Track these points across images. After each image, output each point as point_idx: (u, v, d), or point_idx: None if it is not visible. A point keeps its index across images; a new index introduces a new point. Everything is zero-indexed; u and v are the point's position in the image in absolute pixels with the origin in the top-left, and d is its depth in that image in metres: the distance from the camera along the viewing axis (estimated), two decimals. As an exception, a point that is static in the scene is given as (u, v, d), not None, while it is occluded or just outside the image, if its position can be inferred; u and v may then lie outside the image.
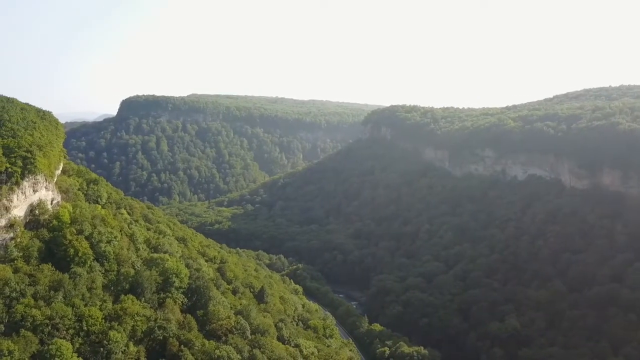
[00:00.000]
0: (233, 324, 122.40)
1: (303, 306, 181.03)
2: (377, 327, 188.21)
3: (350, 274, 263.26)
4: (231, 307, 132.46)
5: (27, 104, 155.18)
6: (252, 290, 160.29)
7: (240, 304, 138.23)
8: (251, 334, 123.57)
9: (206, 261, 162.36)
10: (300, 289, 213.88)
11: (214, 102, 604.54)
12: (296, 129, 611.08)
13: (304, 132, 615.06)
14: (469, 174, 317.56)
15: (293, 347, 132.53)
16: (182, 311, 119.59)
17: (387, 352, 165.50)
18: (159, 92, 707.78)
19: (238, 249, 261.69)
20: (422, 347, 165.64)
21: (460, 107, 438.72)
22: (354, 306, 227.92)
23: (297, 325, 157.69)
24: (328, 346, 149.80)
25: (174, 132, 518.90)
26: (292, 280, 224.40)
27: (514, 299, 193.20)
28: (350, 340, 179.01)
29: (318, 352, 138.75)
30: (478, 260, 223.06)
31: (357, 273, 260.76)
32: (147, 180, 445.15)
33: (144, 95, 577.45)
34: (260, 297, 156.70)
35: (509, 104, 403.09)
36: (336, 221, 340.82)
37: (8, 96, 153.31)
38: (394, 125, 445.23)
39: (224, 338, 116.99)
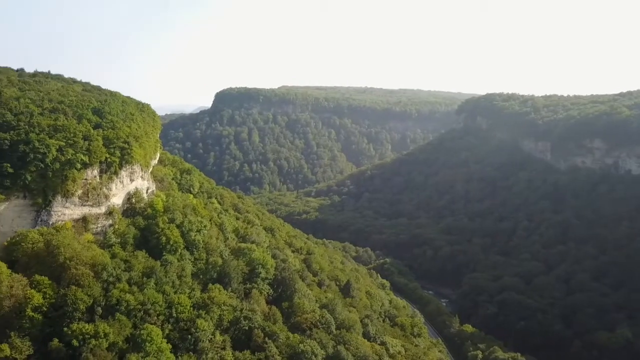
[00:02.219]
0: (318, 318, 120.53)
1: (390, 302, 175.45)
2: (468, 328, 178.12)
3: (440, 271, 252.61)
4: (316, 301, 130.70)
5: (128, 97, 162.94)
6: (337, 283, 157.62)
7: (326, 298, 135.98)
8: (336, 329, 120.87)
9: (293, 252, 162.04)
10: (387, 283, 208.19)
11: (303, 94, 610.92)
12: (385, 119, 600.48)
13: (393, 122, 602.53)
14: (574, 167, 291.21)
15: (379, 344, 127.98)
16: (267, 302, 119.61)
17: (480, 356, 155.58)
18: (251, 84, 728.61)
19: (324, 240, 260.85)
20: (519, 354, 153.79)
21: (565, 95, 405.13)
22: (444, 304, 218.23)
23: (383, 321, 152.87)
24: (416, 345, 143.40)
25: (264, 124, 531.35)
26: (379, 275, 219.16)
27: (627, 306, 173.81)
28: (440, 340, 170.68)
29: (405, 351, 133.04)
30: (584, 262, 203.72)
31: (447, 270, 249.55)
32: (239, 170, 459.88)
33: (236, 87, 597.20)
34: (346, 291, 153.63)
35: (623, 89, 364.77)
36: (426, 215, 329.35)
37: (112, 90, 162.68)
38: (490, 114, 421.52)
39: (308, 332, 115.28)
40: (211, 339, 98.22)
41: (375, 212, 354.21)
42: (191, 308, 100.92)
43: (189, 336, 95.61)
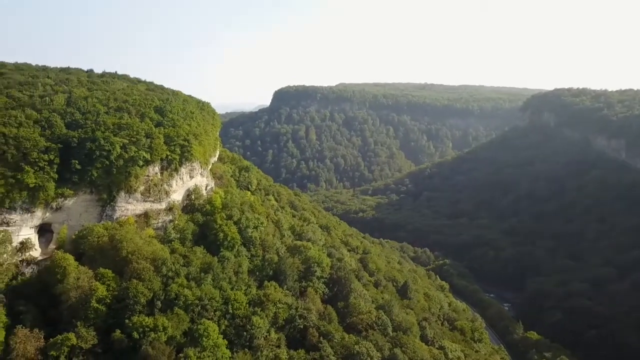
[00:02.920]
0: (374, 319, 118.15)
1: (449, 305, 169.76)
2: (533, 335, 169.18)
3: (502, 273, 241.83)
4: (372, 301, 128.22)
5: (189, 96, 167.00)
6: (394, 284, 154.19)
7: (382, 299, 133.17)
8: (392, 331, 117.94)
9: (349, 251, 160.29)
10: (446, 285, 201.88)
11: (360, 91, 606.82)
12: (445, 116, 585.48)
13: (454, 119, 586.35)
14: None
15: (437, 349, 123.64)
16: (322, 301, 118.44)
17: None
18: (309, 82, 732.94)
19: (381, 239, 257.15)
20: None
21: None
22: (506, 309, 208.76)
23: (442, 325, 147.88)
24: (476, 351, 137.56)
25: (322, 121, 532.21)
26: (437, 276, 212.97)
27: None
28: (502, 346, 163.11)
29: (465, 357, 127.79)
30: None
31: (510, 273, 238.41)
32: (296, 168, 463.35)
33: (294, 85, 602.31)
34: (403, 292, 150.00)
35: None
36: (488, 215, 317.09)
37: (174, 89, 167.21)
38: (558, 110, 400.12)
39: (364, 333, 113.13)
40: (266, 336, 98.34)
41: (435, 211, 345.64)
42: (247, 305, 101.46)
43: (245, 333, 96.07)
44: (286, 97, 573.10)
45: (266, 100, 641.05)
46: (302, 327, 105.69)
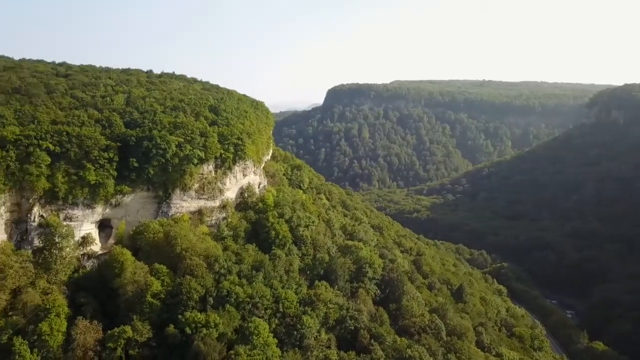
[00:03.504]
0: (427, 323, 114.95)
1: (507, 310, 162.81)
2: (599, 345, 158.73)
3: (564, 279, 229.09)
4: (426, 304, 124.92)
5: (243, 95, 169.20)
6: (449, 287, 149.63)
7: (436, 302, 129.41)
8: (446, 336, 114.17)
9: (402, 252, 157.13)
10: (504, 290, 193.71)
11: (416, 88, 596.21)
12: (504, 113, 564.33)
13: (514, 117, 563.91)
14: None
15: (494, 356, 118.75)
16: (374, 303, 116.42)
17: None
18: (362, 80, 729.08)
19: (436, 240, 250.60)
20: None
21: None
22: (569, 316, 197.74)
23: (499, 331, 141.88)
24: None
25: (375, 119, 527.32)
26: (495, 280, 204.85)
27: None
28: (564, 356, 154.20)
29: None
30: None
31: (573, 278, 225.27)
32: (349, 167, 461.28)
33: (348, 84, 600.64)
34: (458, 295, 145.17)
35: None
36: (549, 217, 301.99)
37: (229, 88, 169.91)
38: (629, 107, 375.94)
39: (416, 337, 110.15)
40: (317, 336, 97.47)
41: (492, 212, 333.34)
42: (297, 304, 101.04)
43: (295, 332, 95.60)
44: (339, 96, 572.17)
45: (320, 99, 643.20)
46: (352, 328, 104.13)
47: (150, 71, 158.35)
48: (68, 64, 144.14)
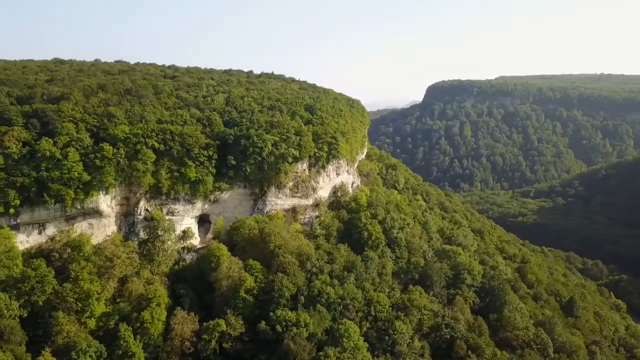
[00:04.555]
0: (532, 337, 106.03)
1: (627, 328, 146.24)
2: None
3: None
4: (530, 316, 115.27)
5: (339, 94, 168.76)
6: (558, 299, 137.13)
7: (543, 314, 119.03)
8: (554, 353, 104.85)
9: (504, 259, 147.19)
10: (623, 305, 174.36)
11: (523, 84, 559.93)
12: (626, 110, 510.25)
13: (638, 113, 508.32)
14: None
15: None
16: (472, 312, 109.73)
17: None
18: (464, 76, 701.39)
19: (543, 247, 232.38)
20: None
21: None
22: None
23: (617, 351, 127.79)
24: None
25: (478, 117, 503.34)
26: (612, 293, 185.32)
27: None
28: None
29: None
30: None
31: None
32: (448, 166, 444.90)
33: (449, 80, 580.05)
34: (568, 309, 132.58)
35: None
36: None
37: (325, 87, 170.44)
38: None
39: (519, 351, 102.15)
40: (409, 343, 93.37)
41: (609, 218, 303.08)
42: (390, 308, 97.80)
43: (387, 337, 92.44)
44: (440, 93, 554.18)
45: (419, 97, 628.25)
46: (448, 337, 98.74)
47: (251, 72, 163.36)
48: (176, 67, 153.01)
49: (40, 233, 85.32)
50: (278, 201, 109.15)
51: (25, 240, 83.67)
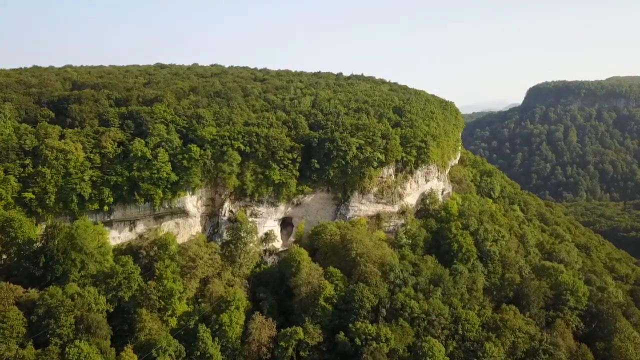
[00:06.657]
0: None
1: None
2: None
3: None
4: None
5: (432, 96, 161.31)
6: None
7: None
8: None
9: (614, 279, 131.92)
10: None
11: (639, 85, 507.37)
12: None
13: None
14: None
15: None
16: (575, 338, 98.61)
17: None
18: (570, 77, 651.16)
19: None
20: None
21: None
22: None
23: None
24: None
25: (585, 121, 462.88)
26: None
27: None
28: None
29: None
30: None
31: None
32: (550, 174, 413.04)
33: (552, 81, 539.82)
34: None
35: None
36: None
37: (417, 89, 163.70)
38: None
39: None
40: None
41: None
42: (480, 327, 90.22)
43: (475, 359, 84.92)
44: (542, 95, 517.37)
45: (519, 99, 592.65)
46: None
47: (340, 74, 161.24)
48: (267, 70, 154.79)
49: (130, 230, 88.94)
50: (361, 207, 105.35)
51: (117, 237, 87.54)
